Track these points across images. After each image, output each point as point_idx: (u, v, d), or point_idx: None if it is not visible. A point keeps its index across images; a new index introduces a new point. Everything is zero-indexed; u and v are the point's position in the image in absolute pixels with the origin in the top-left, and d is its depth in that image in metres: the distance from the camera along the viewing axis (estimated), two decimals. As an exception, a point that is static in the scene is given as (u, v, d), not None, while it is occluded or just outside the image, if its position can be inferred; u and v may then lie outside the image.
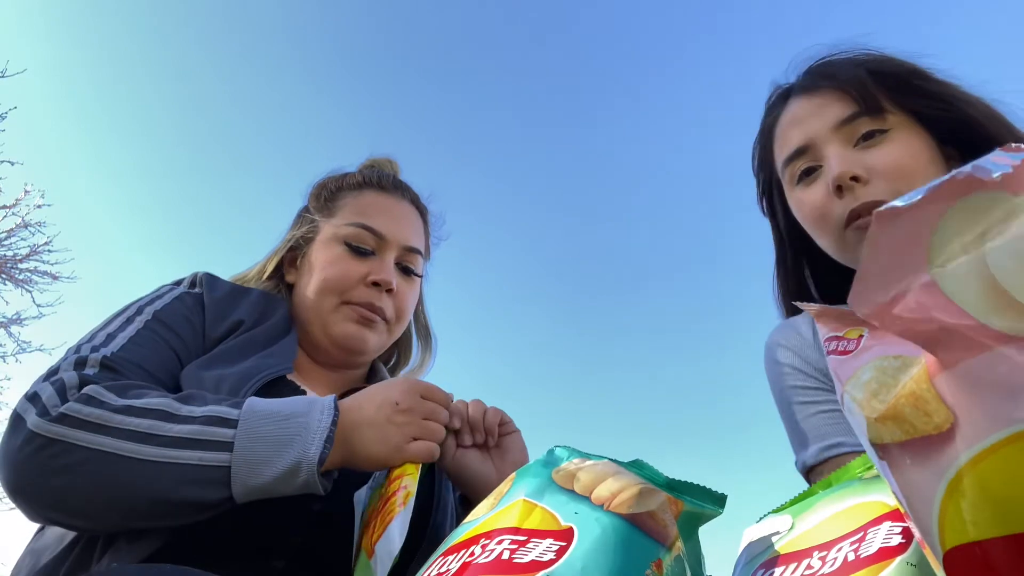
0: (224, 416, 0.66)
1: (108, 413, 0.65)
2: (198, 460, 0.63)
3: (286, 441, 0.65)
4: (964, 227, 0.31)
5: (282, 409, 0.67)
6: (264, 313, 0.93)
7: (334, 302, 0.94)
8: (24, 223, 7.33)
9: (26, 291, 7.45)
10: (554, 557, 0.41)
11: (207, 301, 0.90)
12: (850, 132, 0.83)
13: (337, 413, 0.69)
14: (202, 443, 0.64)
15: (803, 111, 0.88)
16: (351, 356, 0.97)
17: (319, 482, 0.65)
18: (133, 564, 0.58)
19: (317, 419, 0.67)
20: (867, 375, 0.36)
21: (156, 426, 0.64)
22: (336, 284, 0.94)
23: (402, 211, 1.03)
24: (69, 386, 0.68)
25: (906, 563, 0.38)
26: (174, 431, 0.64)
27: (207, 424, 0.65)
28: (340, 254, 0.96)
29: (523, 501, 0.47)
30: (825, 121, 0.84)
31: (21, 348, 7.51)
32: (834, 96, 0.85)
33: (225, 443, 0.64)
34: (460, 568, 0.42)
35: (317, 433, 0.65)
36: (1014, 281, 0.29)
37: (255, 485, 0.64)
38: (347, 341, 0.94)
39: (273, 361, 0.85)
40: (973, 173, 0.31)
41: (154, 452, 0.63)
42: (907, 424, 0.32)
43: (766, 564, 0.47)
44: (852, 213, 0.80)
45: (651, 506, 0.46)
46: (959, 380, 0.30)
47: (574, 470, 0.50)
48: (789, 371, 0.89)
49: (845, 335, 0.41)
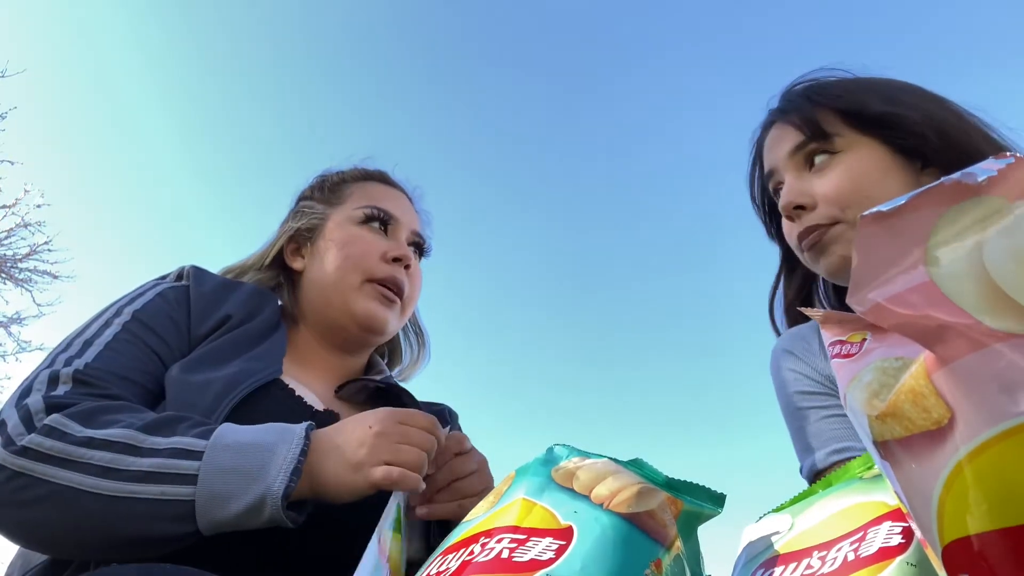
0: (189, 448, 0.63)
1: (70, 446, 0.63)
2: (160, 495, 0.61)
3: (252, 474, 0.62)
4: (961, 229, 0.32)
5: (251, 439, 0.65)
6: (254, 309, 0.91)
7: (358, 280, 0.94)
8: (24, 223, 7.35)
9: (26, 290, 7.47)
10: (553, 556, 0.41)
11: (193, 295, 0.87)
12: (800, 159, 0.89)
13: (308, 442, 0.66)
14: (166, 476, 0.62)
15: (769, 142, 0.95)
16: (370, 335, 0.97)
17: (285, 517, 0.62)
18: (133, 564, 0.58)
19: (285, 450, 0.64)
20: (868, 376, 0.36)
21: (118, 460, 0.62)
22: (359, 260, 0.94)
23: (405, 201, 1.07)
24: (35, 412, 0.66)
25: (906, 563, 0.38)
26: (137, 465, 0.62)
27: (171, 457, 0.63)
28: (359, 233, 0.97)
29: (522, 499, 0.47)
30: (780, 151, 0.91)
31: (21, 347, 7.53)
32: (787, 126, 0.90)
33: (189, 476, 0.62)
34: (459, 567, 0.42)
35: (284, 466, 0.63)
36: (1009, 280, 0.30)
37: (221, 520, 0.62)
38: (369, 320, 0.94)
39: (260, 365, 0.82)
40: (960, 179, 0.33)
41: (116, 487, 0.61)
42: (906, 420, 0.32)
43: (766, 564, 0.47)
44: (799, 235, 0.87)
45: (650, 505, 0.46)
46: (956, 376, 0.31)
47: (573, 468, 0.50)
48: (796, 377, 0.90)
49: (848, 339, 0.41)
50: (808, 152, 0.88)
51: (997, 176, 0.32)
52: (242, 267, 1.03)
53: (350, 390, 0.94)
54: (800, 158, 0.88)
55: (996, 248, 0.31)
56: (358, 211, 0.99)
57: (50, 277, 7.56)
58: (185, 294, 0.88)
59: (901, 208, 0.34)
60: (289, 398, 0.83)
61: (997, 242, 0.31)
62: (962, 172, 0.33)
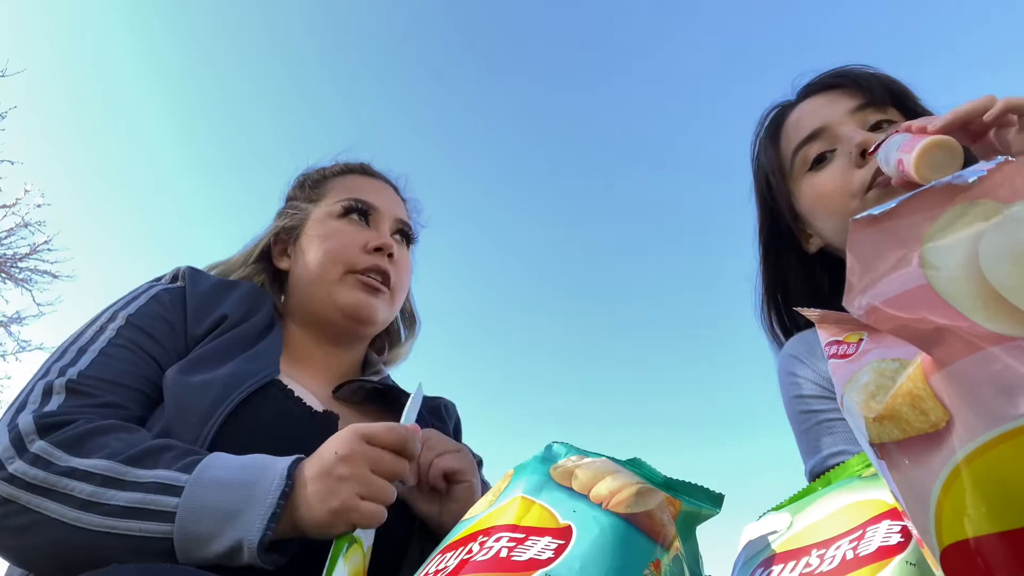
0: (170, 483, 0.62)
1: (52, 476, 0.62)
2: (139, 531, 0.60)
3: (230, 516, 0.60)
4: (955, 231, 0.32)
5: (232, 477, 0.62)
6: (250, 309, 0.91)
7: (339, 272, 0.94)
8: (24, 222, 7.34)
9: (26, 290, 7.47)
10: (552, 555, 0.41)
11: (189, 296, 0.87)
12: (862, 119, 0.89)
13: (290, 481, 0.62)
14: (144, 512, 0.61)
15: (817, 104, 0.94)
16: (360, 326, 0.96)
17: (264, 561, 0.60)
18: (132, 564, 0.57)
19: (264, 491, 0.61)
20: (865, 377, 0.36)
21: (98, 493, 0.61)
22: (339, 253, 0.94)
23: (388, 191, 1.06)
24: (25, 433, 0.65)
25: (905, 562, 0.38)
26: (116, 499, 0.61)
27: (151, 492, 0.61)
28: (338, 226, 0.97)
29: (521, 498, 0.47)
30: (840, 108, 0.91)
31: (21, 347, 7.53)
32: (846, 91, 0.92)
33: (167, 513, 0.60)
34: (458, 565, 0.42)
35: (262, 509, 0.60)
36: (1005, 282, 0.30)
37: (200, 559, 0.60)
38: (356, 310, 0.93)
39: (258, 366, 0.82)
40: (952, 181, 0.33)
41: (97, 521, 0.61)
42: (904, 423, 0.32)
43: (765, 562, 0.47)
44: (877, 172, 0.83)
45: (649, 506, 0.46)
46: (954, 379, 0.31)
47: (572, 467, 0.50)
48: (796, 381, 0.92)
49: (845, 339, 0.41)
50: (868, 114, 0.89)
51: (988, 177, 0.32)
52: (227, 265, 1.03)
53: (347, 391, 0.94)
54: (860, 117, 0.89)
55: (991, 250, 0.31)
56: (337, 205, 0.99)
57: (50, 277, 7.56)
58: (181, 295, 0.87)
59: (894, 211, 0.34)
60: (288, 399, 0.82)
61: (992, 244, 0.31)
62: (953, 175, 0.33)
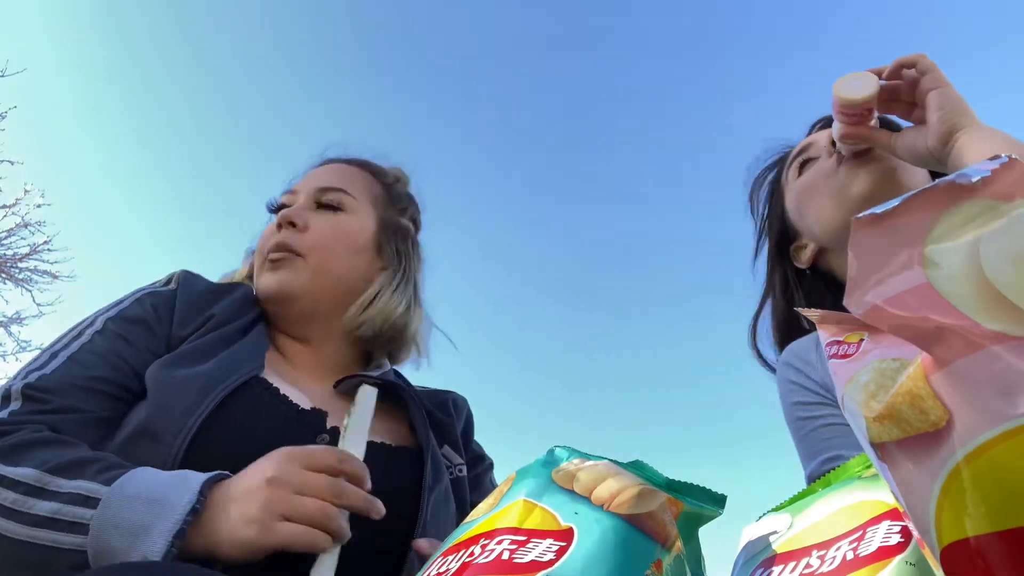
0: (88, 494, 0.61)
1: None
2: (53, 542, 0.60)
3: (140, 531, 0.59)
4: (957, 230, 0.32)
5: (147, 492, 0.61)
6: (238, 311, 0.91)
7: (259, 267, 0.95)
8: (24, 222, 7.34)
9: (26, 290, 7.47)
10: (554, 557, 0.41)
11: (180, 299, 0.87)
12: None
13: (202, 498, 0.60)
14: (60, 523, 0.60)
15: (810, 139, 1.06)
16: (283, 307, 0.94)
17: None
18: (131, 564, 0.57)
19: (172, 507, 0.60)
20: (866, 377, 0.36)
21: (21, 501, 0.61)
22: (259, 250, 0.96)
23: (321, 170, 1.04)
24: None
25: (905, 562, 0.38)
26: (36, 508, 0.61)
27: (68, 503, 0.61)
28: (266, 229, 0.99)
29: (523, 501, 0.47)
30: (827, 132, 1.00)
31: (21, 347, 7.52)
32: None
33: (82, 525, 0.60)
34: (460, 568, 0.42)
35: (168, 525, 0.59)
36: (1006, 282, 0.30)
37: None
38: (266, 292, 0.93)
39: (239, 363, 0.81)
40: (955, 180, 0.33)
41: (17, 530, 0.60)
42: (904, 422, 0.32)
43: (765, 563, 0.47)
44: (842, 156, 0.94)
45: (651, 507, 0.46)
46: (954, 378, 0.31)
47: (574, 470, 0.50)
48: (794, 388, 0.95)
49: (845, 339, 0.41)
50: None
51: (991, 177, 0.32)
52: (234, 275, 1.05)
53: (345, 387, 0.92)
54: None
55: (992, 249, 0.31)
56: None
57: (50, 277, 7.55)
58: (169, 298, 0.87)
59: (896, 210, 0.34)
60: (273, 397, 0.81)
61: (993, 243, 0.31)
62: (957, 173, 0.33)
